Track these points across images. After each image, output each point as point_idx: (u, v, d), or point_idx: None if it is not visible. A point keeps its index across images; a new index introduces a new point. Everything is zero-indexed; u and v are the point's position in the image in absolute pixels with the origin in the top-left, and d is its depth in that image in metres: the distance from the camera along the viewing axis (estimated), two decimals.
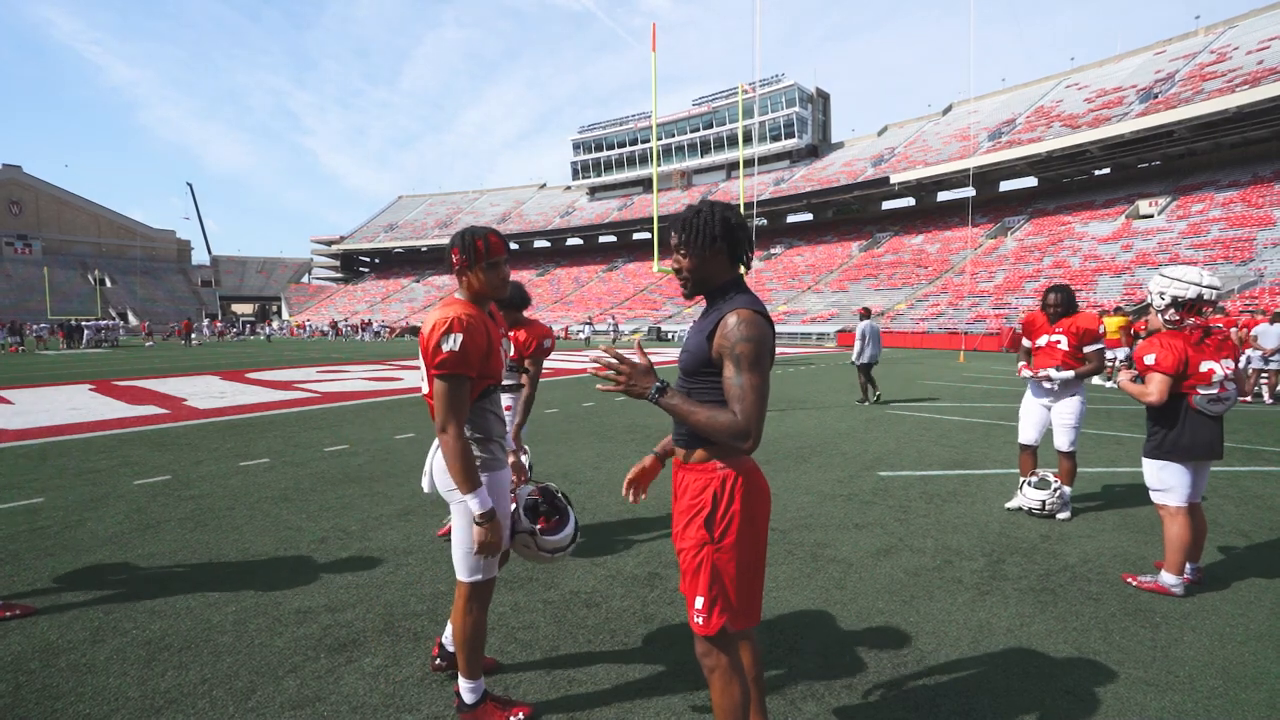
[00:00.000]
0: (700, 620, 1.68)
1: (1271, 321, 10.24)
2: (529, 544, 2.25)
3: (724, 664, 1.70)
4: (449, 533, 3.64)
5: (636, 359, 1.68)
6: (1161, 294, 3.12)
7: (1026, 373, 4.53)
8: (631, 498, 1.99)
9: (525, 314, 3.71)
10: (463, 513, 2.06)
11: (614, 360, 1.65)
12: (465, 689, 2.14)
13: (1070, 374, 4.28)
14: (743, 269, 1.79)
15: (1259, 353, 10.20)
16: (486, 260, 2.04)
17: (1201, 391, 3.03)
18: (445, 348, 1.91)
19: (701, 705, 2.23)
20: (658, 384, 1.63)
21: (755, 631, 1.99)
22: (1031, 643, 2.67)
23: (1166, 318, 3.14)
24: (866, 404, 9.82)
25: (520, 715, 2.14)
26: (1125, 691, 2.32)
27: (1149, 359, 3.09)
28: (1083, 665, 2.50)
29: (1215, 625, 2.82)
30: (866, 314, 10.38)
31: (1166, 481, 3.16)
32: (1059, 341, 4.36)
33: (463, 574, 2.10)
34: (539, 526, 2.26)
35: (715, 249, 1.70)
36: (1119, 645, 2.65)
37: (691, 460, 1.73)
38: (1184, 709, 2.22)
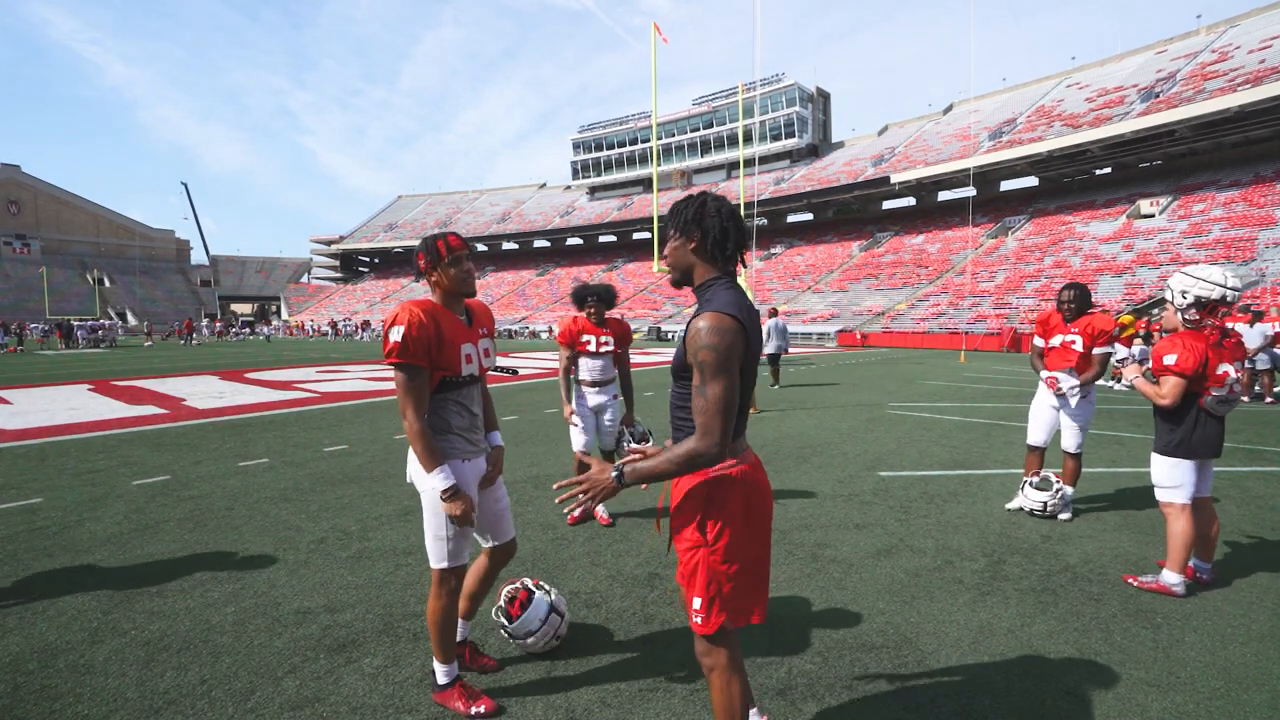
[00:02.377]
0: (699, 620, 1.68)
1: (1251, 323, 10.24)
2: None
3: (723, 662, 1.70)
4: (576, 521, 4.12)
5: (593, 468, 1.65)
6: (1184, 293, 3.07)
7: (1046, 373, 4.41)
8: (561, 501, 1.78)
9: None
10: (428, 501, 2.17)
11: (571, 483, 1.65)
12: (439, 672, 2.24)
13: (1076, 383, 4.21)
14: (742, 268, 1.75)
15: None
16: (451, 257, 2.14)
17: (1214, 393, 3.03)
18: (392, 339, 2.03)
19: (702, 705, 2.23)
20: (615, 471, 1.59)
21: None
22: (1032, 643, 2.66)
23: (1187, 317, 3.11)
24: (775, 388, 11.92)
25: (482, 708, 2.17)
26: (1126, 692, 2.32)
27: (1169, 359, 3.05)
28: (1084, 666, 2.49)
29: (1217, 626, 2.81)
30: (774, 313, 12.49)
31: (1178, 479, 3.15)
32: (1073, 342, 4.25)
33: (432, 560, 2.20)
34: (512, 613, 2.54)
35: (690, 235, 1.67)
36: (1120, 646, 2.64)
37: None
38: (1185, 710, 2.22)
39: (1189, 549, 3.11)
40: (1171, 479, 3.17)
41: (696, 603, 1.67)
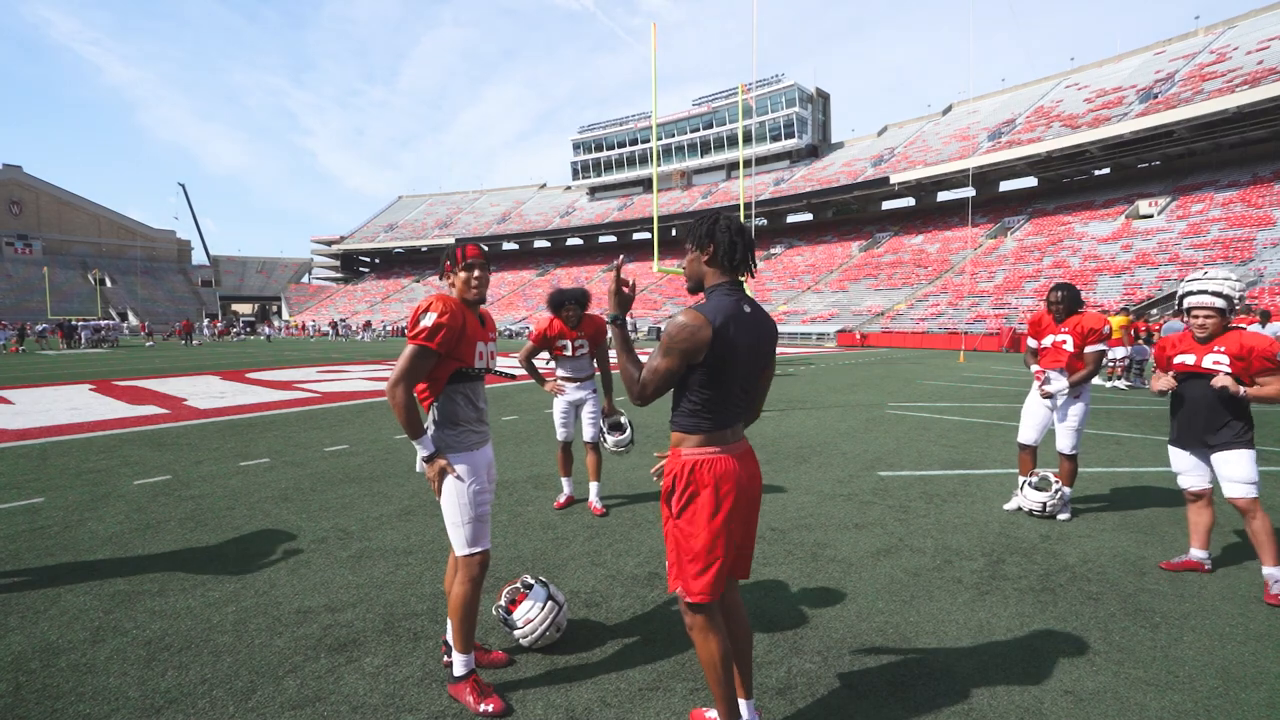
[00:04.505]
0: (669, 580, 1.95)
1: (1262, 323, 10.25)
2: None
3: (699, 622, 1.91)
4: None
5: (625, 291, 2.00)
6: (1234, 295, 3.16)
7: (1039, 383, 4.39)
8: None
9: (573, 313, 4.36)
10: (448, 491, 2.26)
11: (618, 280, 1.98)
12: (457, 661, 2.27)
13: (1065, 385, 4.20)
14: (747, 276, 1.99)
15: None
16: (464, 263, 2.33)
17: None
18: (424, 323, 2.19)
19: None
20: (615, 315, 1.98)
21: (744, 609, 2.12)
22: (1031, 643, 2.67)
23: (1234, 317, 3.20)
24: None
25: (490, 707, 2.18)
26: (1125, 691, 2.32)
27: None
28: (1083, 665, 2.50)
29: (1215, 625, 2.82)
30: None
31: (1256, 473, 3.18)
32: (1064, 342, 4.27)
33: (455, 548, 2.29)
34: (510, 609, 2.62)
35: (704, 249, 1.92)
36: (1119, 645, 2.65)
37: (671, 445, 1.98)
38: (1184, 709, 2.22)
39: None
40: (1254, 473, 3.17)
41: (666, 564, 1.95)
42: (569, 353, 4.34)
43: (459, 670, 2.26)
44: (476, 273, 2.33)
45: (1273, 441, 6.94)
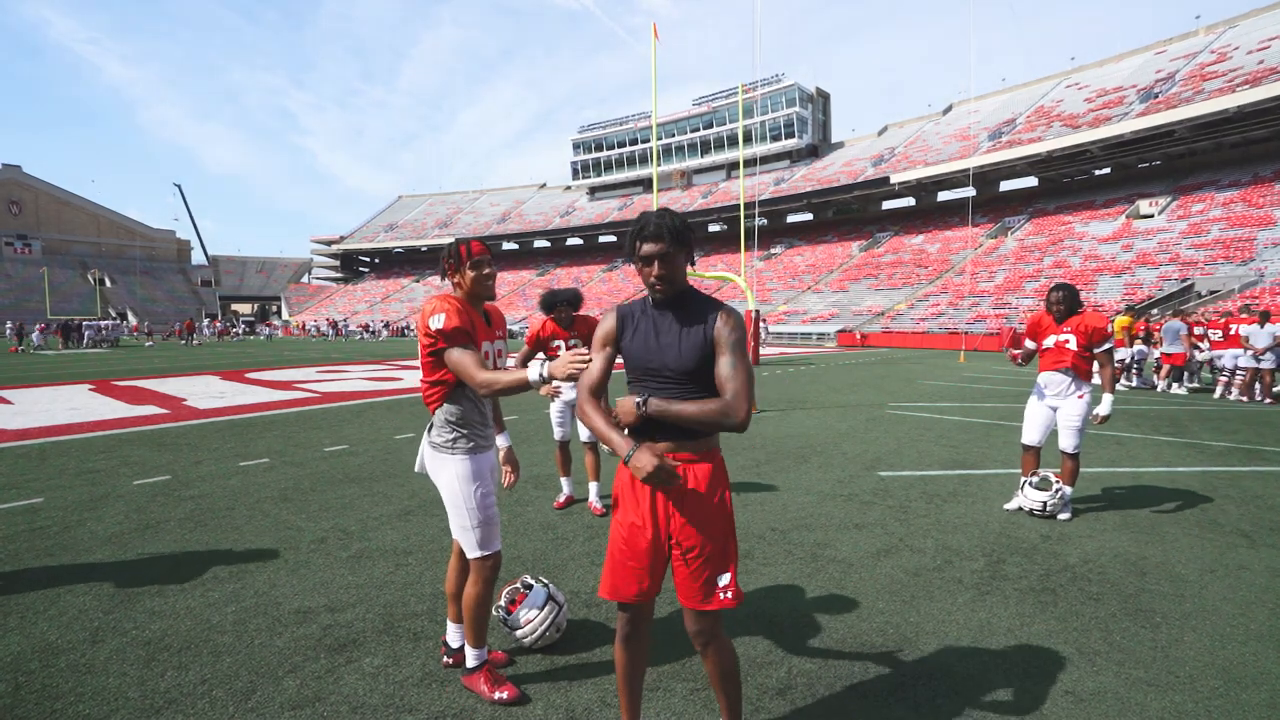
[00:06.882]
0: (730, 595, 1.78)
1: (1261, 323, 10.26)
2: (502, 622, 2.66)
3: (719, 629, 1.87)
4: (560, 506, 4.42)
5: (621, 403, 1.75)
6: None
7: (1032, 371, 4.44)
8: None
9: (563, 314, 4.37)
10: (448, 495, 2.28)
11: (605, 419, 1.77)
12: (470, 655, 2.32)
13: (1108, 405, 4.18)
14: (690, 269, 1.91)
15: (1249, 352, 10.27)
16: (471, 261, 2.27)
17: None
18: (434, 326, 2.15)
19: (702, 704, 2.23)
20: (639, 399, 1.71)
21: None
22: (1032, 643, 2.66)
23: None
24: None
25: (505, 694, 2.22)
26: (1126, 691, 2.32)
27: None
28: (1083, 665, 2.49)
29: (1216, 625, 2.81)
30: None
31: None
32: (1067, 341, 4.27)
33: (466, 551, 2.29)
34: (509, 609, 2.62)
35: (689, 251, 1.81)
36: (1119, 645, 2.65)
37: (700, 450, 1.80)
38: (1184, 709, 2.22)
39: None
40: None
41: (724, 579, 1.78)
42: (563, 351, 4.38)
43: (471, 662, 2.30)
44: (486, 269, 2.28)
45: (1274, 441, 6.94)
